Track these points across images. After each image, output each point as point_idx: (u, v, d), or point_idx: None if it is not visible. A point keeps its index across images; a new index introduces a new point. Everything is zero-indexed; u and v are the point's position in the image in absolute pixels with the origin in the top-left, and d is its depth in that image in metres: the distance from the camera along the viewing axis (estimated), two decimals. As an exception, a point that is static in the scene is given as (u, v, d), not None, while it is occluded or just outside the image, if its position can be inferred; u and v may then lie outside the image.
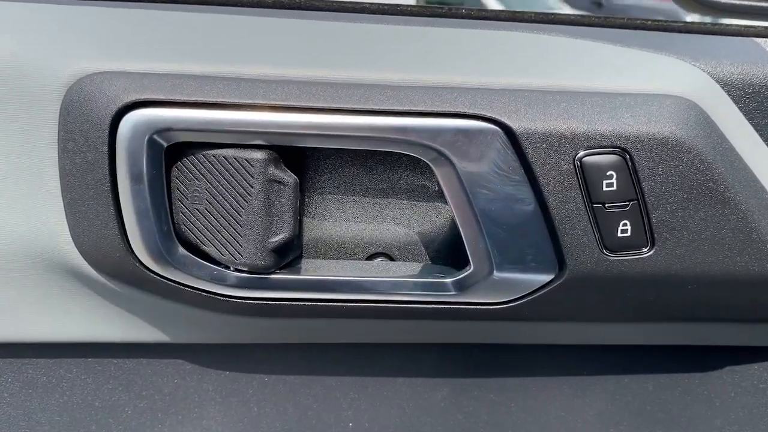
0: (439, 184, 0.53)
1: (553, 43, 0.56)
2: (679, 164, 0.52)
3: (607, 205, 0.52)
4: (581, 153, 0.51)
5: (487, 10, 0.63)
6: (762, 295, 0.58)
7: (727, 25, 0.64)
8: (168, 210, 0.52)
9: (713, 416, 0.70)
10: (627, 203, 0.52)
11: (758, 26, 0.63)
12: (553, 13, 0.66)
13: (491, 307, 0.56)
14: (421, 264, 0.60)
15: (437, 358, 0.67)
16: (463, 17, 0.60)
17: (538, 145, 0.51)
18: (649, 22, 0.64)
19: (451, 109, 0.51)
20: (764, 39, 0.61)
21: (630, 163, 0.52)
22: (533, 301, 0.55)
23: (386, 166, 0.59)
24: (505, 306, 0.56)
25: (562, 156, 0.51)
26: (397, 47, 0.54)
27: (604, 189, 0.52)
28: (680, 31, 0.63)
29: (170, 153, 0.51)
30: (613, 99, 0.52)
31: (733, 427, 0.70)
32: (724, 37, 0.62)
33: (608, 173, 0.51)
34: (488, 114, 0.51)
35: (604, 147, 0.51)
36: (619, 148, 0.51)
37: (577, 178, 0.51)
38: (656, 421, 0.70)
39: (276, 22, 0.54)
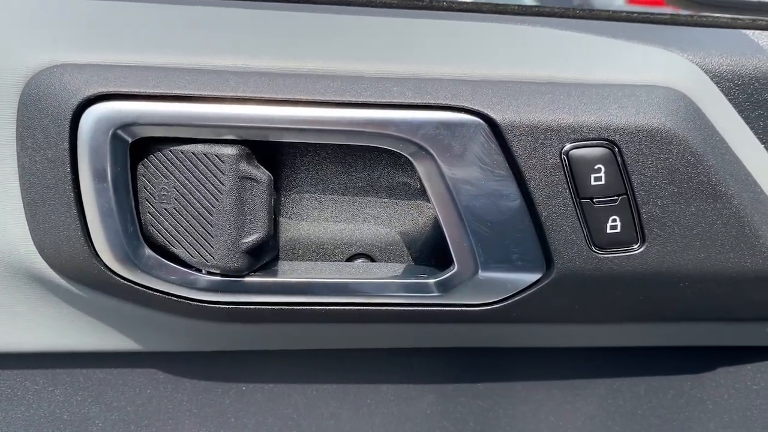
0: (420, 181, 0.51)
1: (537, 35, 0.54)
2: (669, 157, 0.50)
3: (595, 200, 0.50)
4: (568, 146, 0.49)
5: (468, 3, 0.61)
6: (755, 293, 0.56)
7: (716, 17, 0.63)
8: (134, 210, 0.49)
9: (707, 419, 0.68)
10: (616, 198, 0.50)
11: (747, 18, 0.61)
12: (537, 6, 0.64)
13: (477, 308, 0.54)
14: (404, 265, 0.57)
15: (423, 363, 0.65)
16: (443, 9, 0.58)
17: (523, 138, 0.49)
18: (635, 14, 0.62)
19: (432, 101, 0.48)
20: (753, 31, 0.59)
21: (618, 156, 0.50)
22: (520, 301, 0.53)
23: (366, 163, 0.56)
24: (491, 307, 0.53)
25: (548, 149, 0.49)
26: (376, 38, 0.52)
27: (592, 183, 0.50)
28: (668, 23, 0.62)
29: (136, 149, 0.48)
30: (601, 90, 0.50)
31: (727, 430, 0.68)
32: (712, 29, 0.60)
33: (596, 167, 0.49)
34: (471, 106, 0.48)
35: (592, 139, 0.49)
36: (606, 140, 0.49)
37: (564, 173, 0.49)
38: (649, 424, 0.68)
39: (248, 12, 0.52)
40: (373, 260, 0.57)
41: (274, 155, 0.55)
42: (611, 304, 0.55)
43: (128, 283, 0.51)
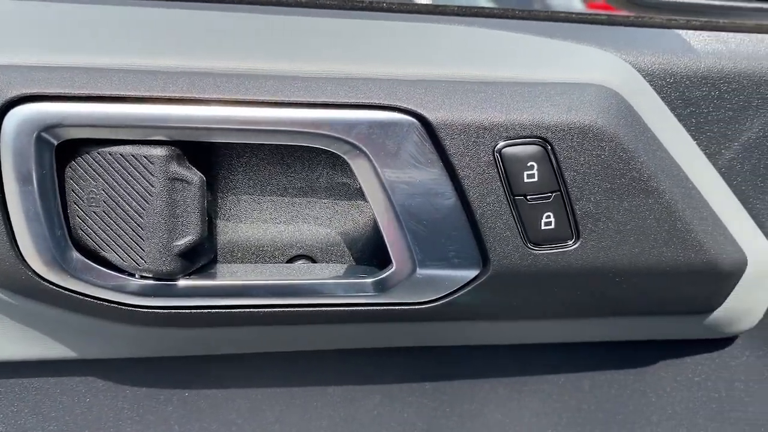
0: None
1: (473, 35, 0.54)
2: (601, 153, 0.51)
3: (529, 197, 0.51)
4: (501, 144, 0.49)
5: (409, 4, 0.61)
6: (690, 286, 0.57)
7: (652, 17, 0.64)
8: (61, 213, 0.48)
9: (650, 412, 0.69)
10: (549, 195, 0.51)
11: (681, 19, 0.63)
12: (476, 7, 0.64)
13: (416, 306, 0.54)
14: (346, 265, 0.57)
15: (369, 363, 0.65)
16: (383, 11, 0.58)
17: (456, 136, 0.49)
18: (574, 15, 0.63)
19: (365, 101, 0.48)
20: (686, 31, 0.61)
21: (551, 154, 0.50)
22: (458, 299, 0.53)
23: (304, 164, 0.56)
24: (430, 305, 0.53)
25: (481, 147, 0.49)
26: (312, 39, 0.52)
27: (526, 180, 0.50)
28: (605, 23, 0.63)
29: (63, 151, 0.47)
30: (533, 89, 0.51)
31: (670, 422, 0.70)
32: (648, 29, 0.62)
33: (529, 164, 0.50)
34: (404, 105, 0.49)
35: (524, 137, 0.50)
36: (539, 138, 0.50)
37: (498, 170, 0.50)
38: (594, 420, 0.69)
39: (179, 12, 0.51)
40: (314, 261, 0.57)
41: (210, 156, 0.54)
42: (549, 300, 0.56)
43: (58, 289, 0.49)
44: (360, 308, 0.53)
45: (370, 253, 0.57)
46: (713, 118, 0.57)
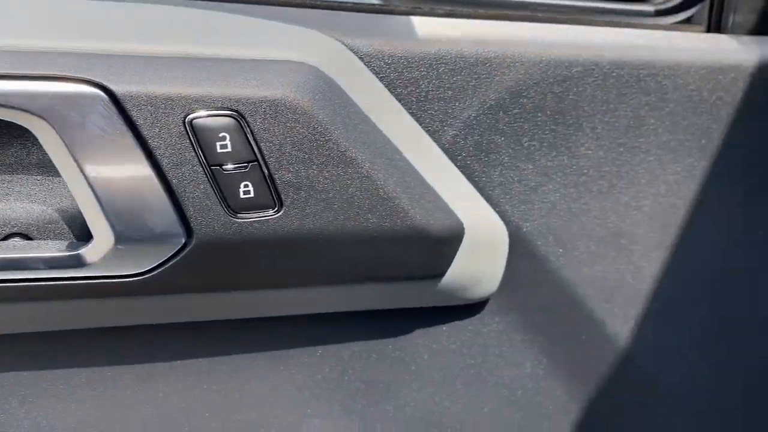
0: None
1: (173, 14, 0.56)
2: (295, 126, 0.53)
3: (224, 167, 0.53)
4: (192, 115, 0.51)
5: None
6: (405, 252, 0.61)
7: (397, 6, 0.67)
8: None
9: (410, 380, 0.72)
10: (246, 165, 0.53)
11: (426, 8, 0.66)
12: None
13: (125, 280, 0.54)
14: (65, 242, 0.57)
15: (116, 342, 0.65)
16: None
17: (143, 107, 0.50)
18: (320, 3, 0.66)
19: (46, 72, 0.49)
20: (420, 17, 0.64)
21: (246, 126, 0.52)
22: (168, 270, 0.54)
23: (12, 140, 0.56)
24: (137, 279, 0.54)
25: (170, 118, 0.51)
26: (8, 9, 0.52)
27: (219, 151, 0.52)
28: (346, 11, 0.65)
29: None
30: (228, 64, 0.53)
31: (430, 389, 0.73)
32: (379, 15, 0.65)
33: (221, 135, 0.52)
34: (87, 77, 0.49)
35: (215, 109, 0.52)
36: (230, 110, 0.52)
37: (191, 141, 0.51)
38: (356, 390, 0.71)
39: None
40: (30, 239, 0.57)
41: None
42: (266, 269, 0.58)
43: None
44: (57, 283, 0.53)
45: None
46: (433, 97, 0.61)
